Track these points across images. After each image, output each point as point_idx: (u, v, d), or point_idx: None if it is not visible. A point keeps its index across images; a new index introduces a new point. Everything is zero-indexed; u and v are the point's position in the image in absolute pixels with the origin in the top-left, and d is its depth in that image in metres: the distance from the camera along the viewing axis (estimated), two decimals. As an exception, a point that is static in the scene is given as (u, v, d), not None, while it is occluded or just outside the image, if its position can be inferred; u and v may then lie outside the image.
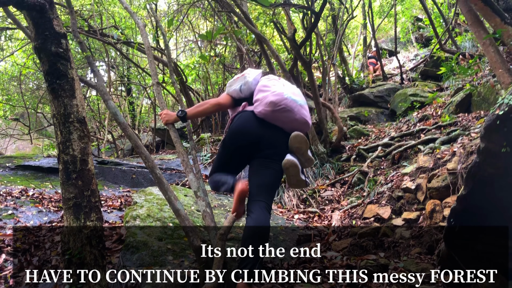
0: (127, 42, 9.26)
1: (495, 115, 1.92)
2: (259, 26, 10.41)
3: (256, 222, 2.74)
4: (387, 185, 5.07)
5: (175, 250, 3.40)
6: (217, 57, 10.34)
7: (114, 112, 2.90)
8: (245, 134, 3.01)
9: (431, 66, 12.06)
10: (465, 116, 6.57)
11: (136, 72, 13.32)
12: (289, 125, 3.05)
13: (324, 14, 11.94)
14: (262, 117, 3.02)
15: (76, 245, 1.83)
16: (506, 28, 5.47)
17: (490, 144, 2.10)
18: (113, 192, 5.78)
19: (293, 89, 3.15)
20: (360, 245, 4.14)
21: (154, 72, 3.35)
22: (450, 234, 2.94)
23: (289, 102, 2.98)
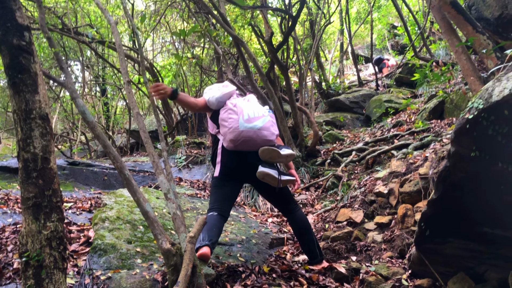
0: (101, 41, 9.09)
1: (465, 119, 1.93)
2: (236, 28, 10.38)
3: (300, 222, 3.58)
4: (360, 189, 5.08)
5: (144, 253, 3.32)
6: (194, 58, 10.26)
7: (82, 110, 2.80)
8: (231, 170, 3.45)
9: (405, 73, 12.25)
10: (438, 122, 6.67)
11: (112, 73, 13.11)
12: (256, 147, 3.35)
13: (301, 18, 11.99)
14: (231, 149, 3.39)
15: (35, 247, 1.74)
16: (478, 36, 5.57)
17: (460, 148, 2.11)
18: (84, 194, 5.63)
19: (253, 110, 3.42)
20: (332, 248, 4.14)
21: (125, 70, 3.27)
22: (420, 238, 2.95)
23: (246, 133, 3.29)
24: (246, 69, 7.67)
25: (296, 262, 3.86)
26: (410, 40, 10.71)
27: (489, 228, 2.54)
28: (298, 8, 6.76)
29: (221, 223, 3.30)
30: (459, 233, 2.73)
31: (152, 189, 5.64)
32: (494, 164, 2.07)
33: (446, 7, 5.60)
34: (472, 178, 2.27)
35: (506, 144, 1.90)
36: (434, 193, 2.60)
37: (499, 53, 5.65)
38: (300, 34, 13.40)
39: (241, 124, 3.31)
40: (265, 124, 3.39)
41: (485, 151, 2.03)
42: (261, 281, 3.15)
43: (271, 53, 7.49)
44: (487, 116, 1.84)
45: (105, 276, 2.85)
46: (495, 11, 6.80)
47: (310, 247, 3.58)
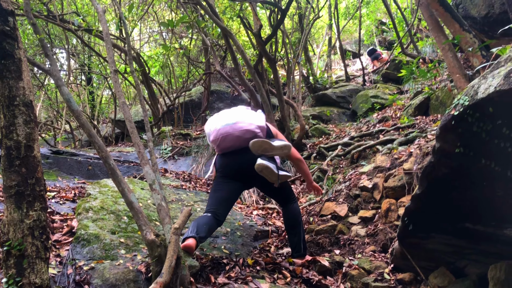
0: (88, 30, 8.95)
1: (450, 115, 1.94)
2: (225, 20, 10.30)
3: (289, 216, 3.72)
4: (345, 184, 5.12)
5: (128, 244, 3.30)
6: (181, 49, 10.17)
7: (67, 98, 2.76)
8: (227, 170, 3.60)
9: (392, 69, 12.32)
10: (423, 118, 6.73)
11: (98, 61, 12.94)
12: (239, 142, 3.50)
13: (290, 12, 11.97)
14: (222, 152, 3.63)
15: (17, 236, 1.71)
16: (464, 35, 5.63)
17: (445, 145, 2.13)
18: (67, 183, 5.57)
19: (226, 114, 3.67)
20: (316, 242, 4.17)
21: (112, 59, 3.23)
22: (403, 233, 2.99)
23: (221, 130, 3.50)
24: (234, 61, 7.64)
25: (280, 254, 3.89)
26: (398, 36, 10.77)
27: (470, 224, 2.58)
28: (287, 2, 6.74)
29: (213, 224, 3.29)
30: (442, 228, 2.77)
31: (137, 180, 5.60)
32: (477, 160, 2.10)
33: (434, 4, 5.65)
34: (456, 174, 2.30)
35: (490, 141, 1.93)
36: (418, 188, 2.63)
37: (485, 51, 5.72)
38: (289, 27, 13.37)
39: (215, 125, 3.57)
40: (240, 117, 3.54)
41: (469, 148, 2.06)
42: (245, 273, 3.16)
43: (259, 46, 7.47)
44: (472, 113, 1.86)
45: (88, 266, 2.82)
46: (482, 10, 6.86)
47: (295, 241, 3.65)
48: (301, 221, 3.74)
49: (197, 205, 4.94)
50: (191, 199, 5.21)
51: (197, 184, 6.46)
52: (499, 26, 6.48)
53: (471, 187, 2.32)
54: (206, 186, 6.49)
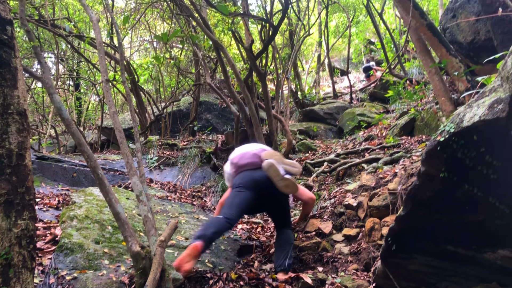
0: (79, 36, 8.93)
1: (436, 141, 2.00)
2: (217, 33, 10.39)
3: (282, 238, 4.02)
4: (330, 201, 5.16)
5: (112, 255, 3.28)
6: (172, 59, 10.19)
7: (58, 107, 2.77)
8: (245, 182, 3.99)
9: (379, 89, 12.51)
10: (408, 139, 6.83)
11: (87, 67, 12.89)
12: (256, 159, 4.12)
13: (282, 28, 12.10)
14: (240, 170, 4.16)
15: (4, 245, 1.71)
16: (451, 59, 5.77)
17: (430, 169, 2.19)
18: (51, 190, 5.51)
19: (245, 146, 4.47)
20: (300, 258, 4.18)
21: (104, 69, 3.24)
22: (386, 252, 3.02)
23: (240, 151, 4.30)
24: (224, 74, 7.69)
25: (263, 270, 3.89)
26: (386, 56, 10.96)
27: (452, 246, 2.63)
28: (279, 18, 6.83)
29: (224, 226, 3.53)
30: (424, 249, 2.81)
31: (122, 189, 5.58)
32: (461, 185, 2.16)
33: (422, 28, 5.79)
34: (440, 198, 2.35)
35: (473, 167, 1.99)
36: (402, 209, 2.67)
37: (470, 76, 5.87)
38: (279, 43, 13.52)
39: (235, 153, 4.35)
40: (255, 149, 4.30)
41: (454, 173, 2.12)
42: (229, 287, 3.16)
43: (250, 60, 7.54)
44: (457, 140, 1.92)
45: (71, 276, 2.81)
46: (468, 36, 7.05)
47: (281, 257, 3.79)
48: (292, 243, 4.01)
49: (182, 217, 4.93)
50: (176, 210, 5.20)
51: (182, 196, 6.45)
52: (484, 52, 6.67)
53: (454, 210, 2.37)
54: (191, 198, 6.48)
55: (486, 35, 6.60)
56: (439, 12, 12.20)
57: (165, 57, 8.83)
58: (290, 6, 9.94)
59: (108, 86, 3.35)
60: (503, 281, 2.55)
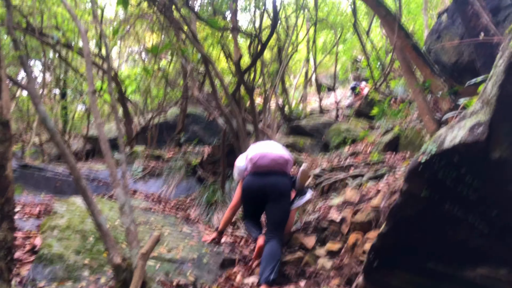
0: (67, 45, 8.88)
1: (418, 161, 2.03)
2: (206, 46, 10.42)
3: (270, 251, 3.98)
4: (314, 215, 5.15)
5: (93, 266, 3.23)
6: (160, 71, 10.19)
7: (43, 117, 2.74)
8: (251, 189, 4.41)
9: (365, 106, 12.63)
10: (392, 155, 6.89)
11: (74, 77, 12.79)
12: (273, 164, 4.37)
13: (270, 43, 12.19)
14: (254, 171, 4.40)
15: (-19, 256, 1.68)
16: (435, 79, 5.87)
17: (412, 187, 2.21)
18: (33, 199, 5.42)
19: (267, 143, 4.66)
20: (282, 273, 4.16)
21: (91, 80, 3.23)
22: (368, 268, 3.03)
23: (260, 152, 4.41)
24: (212, 87, 7.70)
25: (245, 284, 3.87)
26: (372, 74, 11.10)
27: (432, 263, 2.65)
28: (268, 34, 6.89)
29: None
30: (405, 266, 2.83)
31: (106, 200, 5.52)
32: (442, 204, 2.18)
33: (408, 48, 5.88)
34: (421, 216, 2.38)
35: (453, 188, 2.02)
36: (384, 226, 2.69)
37: (453, 96, 5.96)
38: (267, 58, 13.60)
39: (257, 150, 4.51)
40: (279, 148, 4.59)
41: (435, 192, 2.14)
42: (210, 302, 3.13)
43: (238, 74, 7.57)
44: (438, 161, 1.94)
45: (49, 287, 2.75)
46: (452, 57, 7.18)
47: (267, 269, 3.84)
48: (279, 258, 4.04)
49: (165, 229, 4.89)
50: (159, 222, 5.15)
51: (166, 207, 6.39)
52: (467, 73, 6.79)
53: (435, 229, 2.40)
54: (175, 210, 6.42)
55: (470, 56, 6.73)
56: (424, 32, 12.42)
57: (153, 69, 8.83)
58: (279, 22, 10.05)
59: (95, 97, 3.33)
60: (482, 300, 2.57)
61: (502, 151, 1.73)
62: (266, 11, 9.00)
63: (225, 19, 9.30)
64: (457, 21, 6.99)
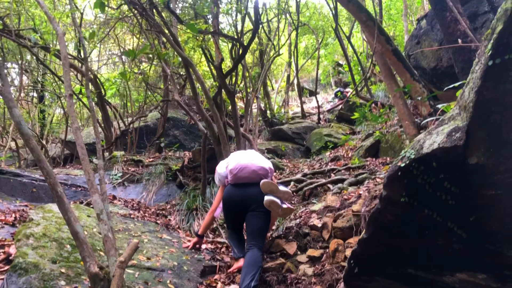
0: (44, 47, 8.74)
1: (397, 166, 2.04)
2: (187, 50, 10.38)
3: (250, 258, 3.95)
4: (295, 221, 5.16)
5: (69, 275, 3.17)
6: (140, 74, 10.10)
7: (18, 121, 2.69)
8: (231, 200, 4.43)
9: (346, 110, 12.75)
10: (373, 160, 6.96)
11: (52, 79, 12.60)
12: (253, 176, 4.42)
13: (252, 47, 12.23)
14: (234, 182, 4.46)
15: (-50, 267, 1.62)
16: (415, 84, 5.96)
17: (391, 193, 2.22)
18: (8, 206, 5.31)
19: (247, 154, 4.69)
20: (264, 279, 4.15)
21: (69, 83, 3.18)
22: (349, 275, 3.04)
23: (241, 163, 4.44)
24: (193, 91, 7.66)
25: (226, 291, 3.84)
26: (353, 79, 11.21)
27: (412, 269, 2.67)
28: (250, 38, 6.90)
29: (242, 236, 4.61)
30: (386, 272, 2.84)
31: (84, 206, 5.42)
32: (421, 210, 2.20)
33: (388, 54, 5.96)
34: (401, 222, 2.39)
35: (432, 193, 2.03)
36: (364, 232, 2.70)
37: (432, 101, 6.06)
38: (249, 62, 13.63)
39: (238, 161, 4.50)
40: (259, 158, 4.63)
41: (414, 198, 2.16)
42: (189, 310, 3.09)
43: (219, 78, 7.55)
44: (417, 166, 1.96)
45: (24, 298, 2.69)
46: (431, 62, 7.30)
47: (248, 277, 3.79)
48: (260, 267, 4.01)
49: (145, 236, 4.83)
50: (138, 229, 5.08)
51: (146, 214, 6.32)
52: (446, 78, 6.91)
53: (414, 234, 2.41)
54: (155, 216, 6.36)
55: (448, 62, 6.85)
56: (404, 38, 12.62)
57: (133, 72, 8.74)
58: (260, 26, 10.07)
59: (72, 100, 3.28)
60: (461, 305, 2.60)
61: (479, 157, 1.75)
62: (248, 14, 9.01)
63: (207, 22, 9.29)
64: (436, 27, 7.11)
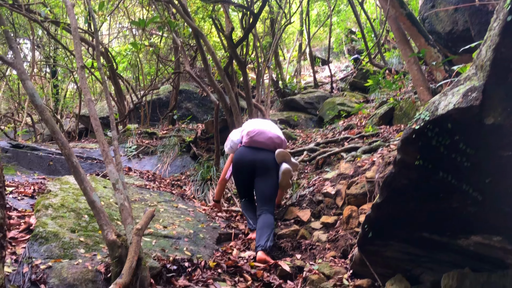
0: (55, 22, 8.71)
1: (411, 129, 2.01)
2: (197, 20, 10.27)
3: (263, 221, 4.15)
4: (309, 189, 5.18)
5: (88, 243, 3.24)
6: (151, 47, 10.04)
7: (31, 93, 2.70)
8: (242, 161, 4.56)
9: (359, 78, 12.57)
10: (387, 128, 6.89)
11: (64, 54, 12.61)
12: (269, 142, 4.58)
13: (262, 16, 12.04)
14: (249, 145, 4.60)
15: (-28, 234, 1.67)
16: (429, 49, 5.82)
17: (405, 157, 2.20)
18: (27, 179, 5.41)
19: (264, 121, 4.90)
20: (278, 246, 4.20)
21: (79, 55, 3.17)
22: (363, 240, 3.05)
23: (260, 128, 4.62)
24: (204, 62, 7.62)
25: (242, 258, 3.90)
26: (366, 46, 11.01)
27: (427, 233, 2.67)
28: (260, 6, 6.78)
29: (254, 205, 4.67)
30: (400, 236, 2.85)
31: (100, 178, 5.51)
32: (436, 173, 2.18)
33: (402, 18, 5.81)
34: (415, 185, 2.38)
35: (447, 155, 2.01)
36: (378, 197, 2.70)
37: (448, 66, 5.92)
38: (260, 31, 13.45)
39: (256, 125, 4.71)
40: (276, 127, 4.82)
41: (428, 161, 2.14)
42: (206, 275, 3.16)
43: (230, 48, 7.48)
44: (432, 128, 1.93)
45: (45, 265, 2.76)
46: (447, 26, 7.11)
47: (263, 238, 3.98)
48: (273, 227, 4.20)
49: (161, 206, 4.90)
50: (154, 199, 5.16)
51: (161, 184, 6.40)
52: (462, 42, 6.74)
53: (429, 198, 2.40)
54: (171, 187, 6.44)
55: (464, 25, 6.67)
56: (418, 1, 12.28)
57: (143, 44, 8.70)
58: (271, -6, 9.89)
59: (84, 72, 3.28)
60: (475, 267, 2.61)
61: (496, 117, 1.72)
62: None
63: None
64: (452, -12, 6.89)
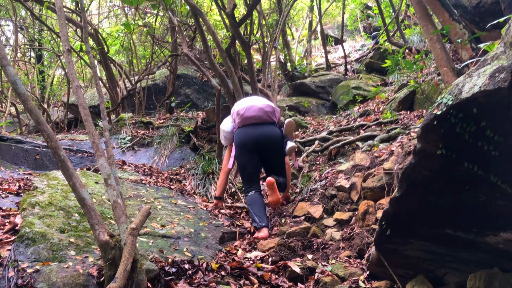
0: (38, 0, 8.72)
1: (432, 114, 2.00)
2: (195, -3, 10.23)
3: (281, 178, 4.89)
4: (321, 182, 5.18)
5: (79, 244, 3.27)
6: (145, 27, 10.03)
7: (13, 80, 2.71)
8: (244, 141, 4.84)
9: (377, 59, 12.49)
10: (407, 114, 6.86)
11: (50, 37, 12.63)
12: (261, 114, 4.84)
13: (268, -9, 11.96)
14: (243, 124, 4.88)
15: (-50, 235, 1.68)
16: (454, 25, 5.76)
17: (426, 145, 2.19)
18: (11, 174, 5.46)
19: (248, 98, 5.25)
20: (287, 245, 4.20)
21: (66, 37, 3.17)
22: (381, 238, 3.05)
23: (246, 104, 4.89)
24: (204, 43, 7.60)
25: (248, 259, 3.91)
26: (384, 23, 10.92)
27: (451, 230, 2.66)
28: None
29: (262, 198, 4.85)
30: (421, 234, 2.84)
31: (91, 172, 5.54)
32: (460, 163, 2.17)
33: (423, -10, 5.75)
34: (437, 177, 2.37)
35: (473, 144, 2.00)
36: (397, 190, 2.69)
37: (475, 44, 5.87)
38: (266, 8, 13.37)
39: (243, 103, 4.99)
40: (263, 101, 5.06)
41: (452, 150, 2.12)
42: (208, 278, 3.18)
43: (232, 27, 7.44)
44: (455, 113, 1.91)
45: (33, 269, 2.78)
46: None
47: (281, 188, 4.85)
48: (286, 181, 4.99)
49: (158, 202, 4.93)
50: (151, 195, 5.19)
51: (158, 179, 6.43)
52: (490, 17, 6.67)
53: (453, 191, 2.39)
54: (169, 181, 6.47)
55: (493, -3, 6.60)
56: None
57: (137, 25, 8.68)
58: (277, -34, 9.81)
59: (71, 56, 3.28)
60: (505, 266, 2.60)
61: (527, 100, 1.70)
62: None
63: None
64: (480, -44, 6.81)
